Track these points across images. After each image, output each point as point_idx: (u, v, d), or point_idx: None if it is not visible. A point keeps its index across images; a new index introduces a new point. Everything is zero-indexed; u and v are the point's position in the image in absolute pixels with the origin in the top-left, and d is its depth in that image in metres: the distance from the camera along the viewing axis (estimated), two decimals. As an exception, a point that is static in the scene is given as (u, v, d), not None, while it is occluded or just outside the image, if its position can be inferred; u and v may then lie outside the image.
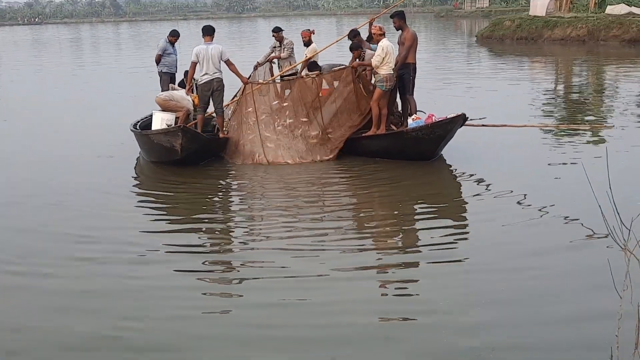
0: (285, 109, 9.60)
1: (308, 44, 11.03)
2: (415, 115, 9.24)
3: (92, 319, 4.69)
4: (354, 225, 6.70)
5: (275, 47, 11.47)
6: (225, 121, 9.89)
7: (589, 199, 3.72)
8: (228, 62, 9.37)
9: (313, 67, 10.21)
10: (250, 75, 10.99)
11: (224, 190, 8.43)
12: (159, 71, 11.27)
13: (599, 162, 7.98)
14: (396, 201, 7.46)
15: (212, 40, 9.45)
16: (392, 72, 9.01)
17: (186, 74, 10.04)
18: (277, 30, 11.42)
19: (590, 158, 8.58)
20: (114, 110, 13.81)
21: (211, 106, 9.71)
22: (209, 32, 9.46)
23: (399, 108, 9.96)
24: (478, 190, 7.58)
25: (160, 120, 9.54)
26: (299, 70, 10.85)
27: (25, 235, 6.51)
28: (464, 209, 7.05)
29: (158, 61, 11.20)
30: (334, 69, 9.85)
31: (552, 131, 10.59)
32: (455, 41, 37.69)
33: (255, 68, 11.45)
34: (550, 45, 29.49)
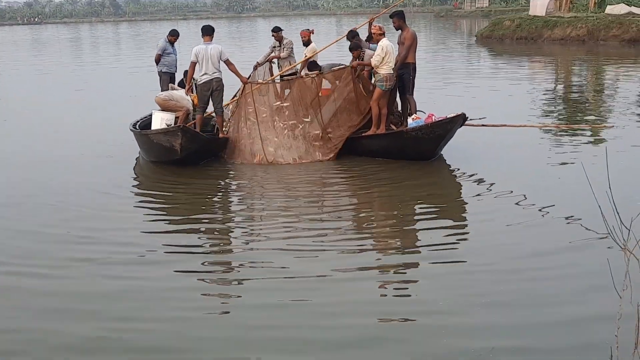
0: (285, 108, 9.59)
1: (307, 43, 11.03)
2: (415, 115, 9.23)
3: (92, 320, 4.68)
4: (354, 226, 6.70)
5: (275, 47, 11.47)
6: (224, 121, 9.89)
7: (589, 199, 3.72)
8: (227, 62, 9.37)
9: (313, 67, 10.22)
10: (250, 75, 11.00)
11: (224, 190, 8.43)
12: (158, 71, 11.27)
13: (598, 162, 7.93)
14: (396, 201, 7.46)
15: (212, 40, 9.45)
16: (392, 72, 9.01)
17: (186, 73, 10.04)
18: (277, 30, 11.42)
19: (590, 158, 8.56)
20: (114, 110, 13.80)
21: (211, 106, 9.72)
22: (208, 32, 9.46)
23: (399, 108, 9.96)
24: (478, 190, 7.59)
25: (160, 120, 9.54)
26: (299, 70, 10.85)
27: (24, 236, 6.51)
28: (463, 209, 7.06)
29: (158, 61, 11.20)
30: (334, 69, 9.85)
31: (552, 131, 10.59)
32: (455, 41, 37.67)
33: (255, 68, 11.45)
34: (550, 45, 29.48)
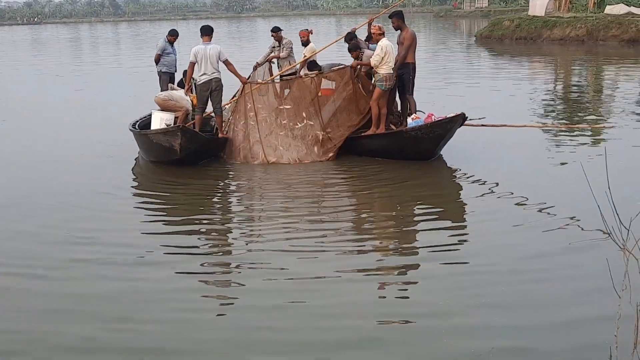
0: (285, 108, 9.59)
1: (306, 43, 11.04)
2: (415, 114, 9.24)
3: (91, 321, 4.66)
4: (354, 227, 6.68)
5: (274, 47, 11.47)
6: (224, 121, 9.89)
7: (589, 199, 3.72)
8: (226, 62, 9.36)
9: (313, 66, 10.21)
10: (249, 76, 11.00)
11: (223, 191, 8.43)
12: (158, 71, 11.28)
13: (598, 162, 7.96)
14: (396, 202, 7.45)
15: (211, 40, 9.45)
16: (392, 72, 9.01)
17: (185, 73, 10.05)
18: (276, 30, 11.42)
19: (590, 158, 8.59)
20: (114, 110, 13.79)
21: (210, 106, 9.71)
22: (207, 32, 9.46)
23: (399, 108, 9.96)
24: (478, 190, 7.58)
25: (160, 120, 9.54)
26: (298, 70, 10.85)
27: (24, 236, 6.49)
28: (464, 209, 7.05)
29: (157, 61, 11.21)
30: (333, 69, 9.85)
31: (552, 131, 10.60)
32: (455, 41, 37.67)
33: (255, 68, 11.46)
34: (550, 45, 29.49)
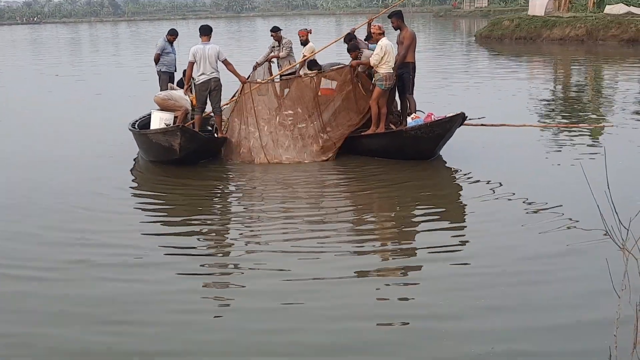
0: (284, 108, 9.60)
1: (305, 43, 11.03)
2: (415, 114, 9.24)
3: (90, 323, 4.64)
4: (354, 228, 6.65)
5: (274, 47, 11.47)
6: (223, 121, 9.89)
7: (589, 199, 3.72)
8: (225, 62, 9.35)
9: (313, 65, 10.19)
10: (249, 76, 10.99)
11: (223, 191, 8.42)
12: (157, 70, 11.28)
13: (598, 162, 8.00)
14: (396, 203, 7.44)
15: (209, 40, 9.44)
16: (392, 71, 9.01)
17: (185, 73, 10.04)
18: (276, 30, 11.42)
19: (589, 157, 8.60)
20: (114, 110, 13.78)
21: (209, 106, 9.71)
22: (206, 32, 9.46)
23: (399, 107, 9.96)
24: (477, 191, 7.56)
25: (159, 120, 9.54)
26: (297, 70, 10.85)
27: (23, 237, 6.46)
28: (463, 210, 7.04)
29: (157, 60, 11.21)
30: (332, 68, 9.85)
31: (552, 130, 10.59)
32: (454, 41, 37.69)
33: (255, 68, 11.46)
34: (549, 45, 29.49)
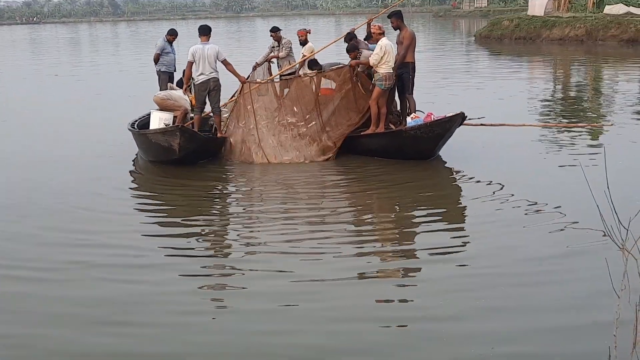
0: (284, 108, 9.60)
1: (304, 43, 11.04)
2: (414, 114, 9.24)
3: (90, 324, 4.63)
4: (354, 229, 6.63)
5: (273, 47, 11.48)
6: (222, 121, 9.89)
7: (589, 199, 3.72)
8: (225, 62, 9.35)
9: (313, 65, 10.19)
10: (248, 76, 11.00)
11: (222, 191, 8.40)
12: (157, 70, 11.28)
13: (598, 162, 8.00)
14: (395, 204, 7.45)
15: (209, 40, 9.44)
16: (392, 71, 9.01)
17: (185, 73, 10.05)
18: (275, 30, 11.43)
19: (589, 157, 8.60)
20: (114, 110, 13.78)
21: (209, 106, 9.71)
22: (205, 32, 9.46)
23: (398, 107, 9.96)
24: (477, 191, 7.56)
25: (158, 120, 9.54)
26: (297, 70, 10.85)
27: (23, 238, 6.45)
28: (464, 211, 7.04)
29: (156, 60, 11.22)
30: (332, 68, 9.85)
31: (551, 130, 10.58)
32: (454, 41, 37.70)
33: (254, 68, 11.47)
34: (549, 45, 29.50)
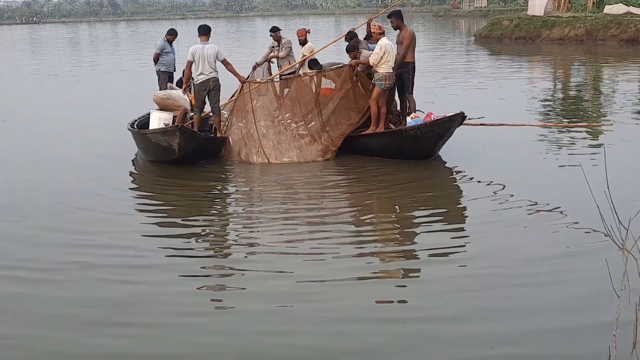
0: (284, 108, 9.60)
1: (304, 43, 11.03)
2: (414, 113, 9.24)
3: (89, 325, 4.62)
4: (354, 229, 6.63)
5: (273, 47, 11.48)
6: (222, 120, 9.89)
7: (589, 199, 3.72)
8: (224, 62, 9.35)
9: (314, 65, 10.18)
10: (248, 76, 10.98)
11: (222, 191, 8.40)
12: (157, 70, 11.27)
13: (598, 162, 8.00)
14: (396, 204, 7.45)
15: (208, 39, 9.44)
16: (392, 71, 9.01)
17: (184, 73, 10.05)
18: (275, 30, 11.43)
19: (590, 157, 8.61)
20: (114, 110, 13.77)
21: (208, 106, 9.70)
22: (204, 32, 9.46)
23: (398, 107, 9.96)
24: (477, 191, 7.56)
25: (158, 120, 9.53)
26: (297, 70, 10.85)
27: (22, 238, 6.44)
28: (464, 211, 7.04)
29: (156, 60, 11.21)
30: (332, 67, 9.85)
31: (551, 130, 10.58)
32: (454, 41, 37.69)
33: (254, 68, 11.46)
34: (549, 45, 29.50)
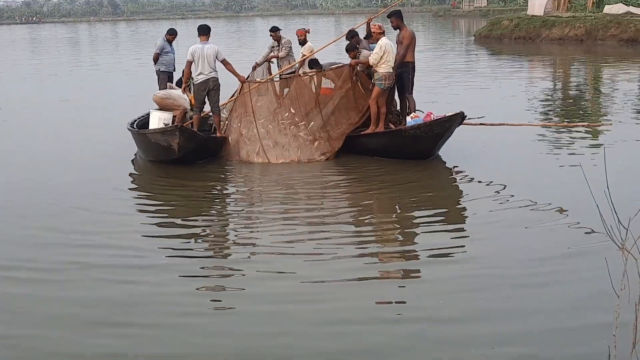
0: (284, 108, 9.60)
1: (303, 42, 11.03)
2: (414, 113, 9.24)
3: (89, 325, 4.61)
4: (354, 229, 6.62)
5: (273, 47, 11.48)
6: (222, 120, 9.88)
7: (589, 199, 3.72)
8: (224, 62, 9.35)
9: (314, 65, 10.18)
10: (248, 76, 10.98)
11: (222, 191, 8.39)
12: (156, 70, 11.27)
13: (598, 161, 8.00)
14: (396, 204, 7.44)
15: (208, 39, 9.43)
16: (391, 71, 9.01)
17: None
18: (275, 30, 11.42)
19: (589, 157, 8.61)
20: (114, 110, 13.76)
21: (208, 105, 9.70)
22: (204, 32, 9.45)
23: (398, 107, 9.96)
24: (477, 191, 7.56)
25: (158, 120, 9.53)
26: (296, 69, 10.84)
27: (22, 239, 6.43)
28: (464, 211, 7.03)
29: (156, 60, 11.20)
30: (332, 67, 9.84)
31: (551, 130, 10.58)
32: (454, 40, 37.70)
33: (254, 68, 11.46)
34: (548, 44, 29.51)
